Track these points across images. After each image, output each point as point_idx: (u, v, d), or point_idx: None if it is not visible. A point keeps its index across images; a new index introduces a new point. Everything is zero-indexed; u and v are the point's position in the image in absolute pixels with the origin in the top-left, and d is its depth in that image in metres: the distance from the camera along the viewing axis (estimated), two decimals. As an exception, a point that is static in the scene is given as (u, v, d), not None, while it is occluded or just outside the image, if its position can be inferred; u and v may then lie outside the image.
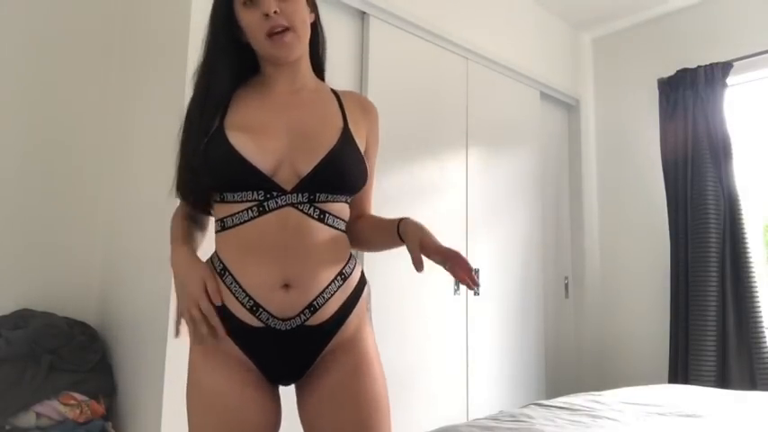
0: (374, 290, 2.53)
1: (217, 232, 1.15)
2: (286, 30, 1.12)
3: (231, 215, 1.10)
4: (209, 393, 1.08)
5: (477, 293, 1.17)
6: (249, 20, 1.14)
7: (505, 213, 3.14)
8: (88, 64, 2.27)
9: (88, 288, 2.19)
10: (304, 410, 1.15)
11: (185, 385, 1.13)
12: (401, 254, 2.71)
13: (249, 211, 1.08)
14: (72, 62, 2.24)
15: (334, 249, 1.14)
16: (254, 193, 1.08)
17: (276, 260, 1.07)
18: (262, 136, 1.10)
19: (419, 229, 1.15)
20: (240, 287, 1.07)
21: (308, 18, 1.19)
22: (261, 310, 1.06)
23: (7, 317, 1.94)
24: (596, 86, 3.90)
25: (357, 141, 1.17)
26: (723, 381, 2.93)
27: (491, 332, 2.95)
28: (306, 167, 1.09)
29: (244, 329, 1.08)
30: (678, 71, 3.35)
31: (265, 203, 1.07)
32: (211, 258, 1.15)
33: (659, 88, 3.41)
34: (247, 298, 1.07)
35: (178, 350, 1.81)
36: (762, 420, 1.73)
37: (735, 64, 3.18)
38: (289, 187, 1.08)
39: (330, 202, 1.13)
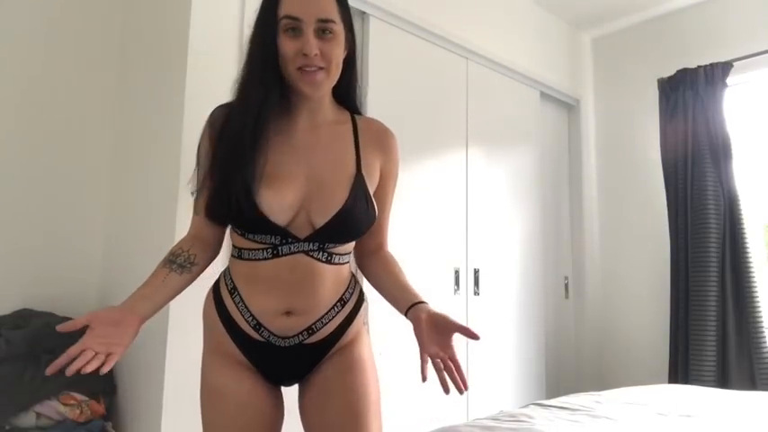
0: (374, 290, 2.52)
1: (232, 256, 1.22)
2: (319, 69, 1.14)
3: (248, 249, 1.17)
4: (218, 392, 1.18)
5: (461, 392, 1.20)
6: (288, 49, 1.13)
7: (506, 213, 3.14)
8: (88, 63, 2.27)
9: (88, 288, 2.19)
10: (301, 406, 1.25)
11: (199, 388, 1.22)
12: (401, 254, 2.71)
13: (264, 252, 1.15)
14: (72, 62, 2.24)
15: (336, 282, 1.21)
16: (272, 237, 1.14)
17: (283, 294, 1.15)
18: (284, 188, 1.14)
19: (429, 316, 1.19)
20: (246, 308, 1.17)
21: (342, 57, 1.20)
22: (263, 328, 1.16)
23: (7, 317, 1.94)
24: (596, 86, 3.90)
25: (368, 185, 1.22)
26: (723, 381, 2.93)
27: (491, 332, 2.95)
28: (320, 220, 1.15)
29: (247, 340, 1.17)
30: (678, 71, 3.34)
31: (279, 248, 1.14)
32: (224, 275, 1.24)
33: (659, 88, 3.41)
34: (251, 317, 1.16)
35: (178, 350, 1.81)
36: (762, 420, 1.73)
37: (735, 64, 3.18)
38: (302, 235, 1.15)
39: (338, 246, 1.20)
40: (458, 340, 1.18)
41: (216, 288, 1.23)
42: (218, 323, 1.19)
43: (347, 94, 1.29)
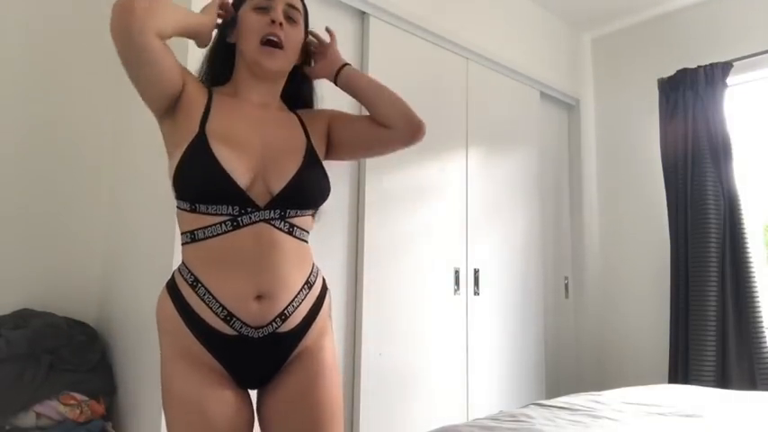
0: (374, 290, 2.54)
1: (184, 243, 1.16)
2: (280, 47, 1.23)
3: (203, 228, 1.12)
4: (185, 400, 1.11)
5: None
6: (253, 21, 1.23)
7: (505, 213, 3.14)
8: (88, 62, 2.27)
9: (88, 288, 2.19)
10: (265, 409, 1.20)
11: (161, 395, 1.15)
12: (401, 254, 2.70)
13: (223, 225, 1.11)
14: (72, 60, 2.24)
15: (300, 260, 1.20)
16: (229, 207, 1.11)
17: (250, 273, 1.11)
18: (241, 151, 1.14)
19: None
20: (213, 298, 1.10)
21: (299, 46, 1.31)
22: (234, 319, 1.10)
23: (7, 317, 1.94)
24: (596, 86, 3.90)
25: (320, 156, 1.28)
26: (723, 381, 2.92)
27: (491, 332, 2.95)
28: (277, 186, 1.15)
29: (216, 337, 1.11)
30: (678, 71, 3.34)
31: (239, 218, 1.11)
32: (180, 270, 1.16)
33: (659, 88, 3.41)
34: (221, 308, 1.10)
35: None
36: (762, 420, 1.73)
37: (735, 64, 3.18)
38: (262, 203, 1.13)
39: (298, 216, 1.19)
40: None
41: (172, 287, 1.15)
42: (182, 324, 1.11)
43: (304, 99, 1.40)
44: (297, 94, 1.37)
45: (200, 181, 1.11)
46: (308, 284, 1.21)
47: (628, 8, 3.56)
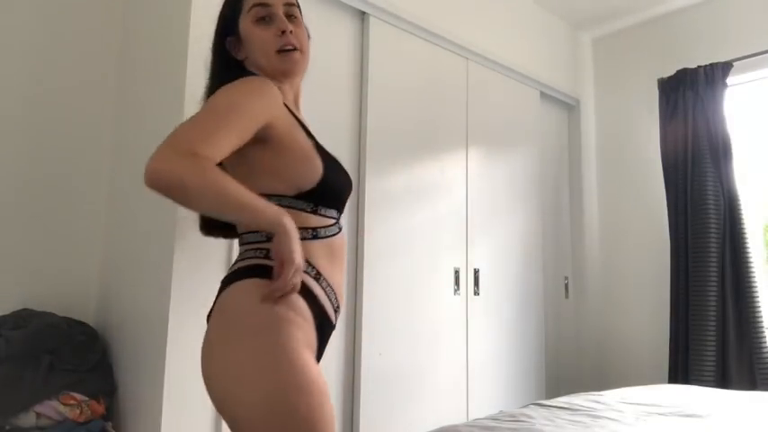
0: (374, 290, 2.54)
1: (305, 239, 1.14)
2: (295, 49, 1.27)
3: (324, 227, 1.21)
4: (325, 391, 1.06)
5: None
6: (263, 36, 1.25)
7: (505, 213, 3.14)
8: (88, 64, 2.27)
9: (88, 288, 2.19)
10: None
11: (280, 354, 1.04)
12: (401, 254, 2.70)
13: (335, 227, 1.24)
14: (72, 62, 2.24)
15: None
16: (336, 211, 1.25)
17: (342, 268, 1.27)
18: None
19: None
20: (332, 290, 1.21)
21: (309, 47, 1.35)
22: (338, 307, 1.24)
23: (7, 317, 1.94)
24: (596, 86, 3.90)
25: None
26: (723, 381, 2.92)
27: (491, 332, 2.95)
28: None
29: (327, 325, 1.21)
30: (678, 71, 3.34)
31: (339, 221, 1.27)
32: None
33: (659, 88, 3.41)
34: (336, 299, 1.23)
35: (178, 350, 1.81)
36: (762, 420, 1.73)
37: (735, 64, 3.18)
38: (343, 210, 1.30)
39: None
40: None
41: None
42: (310, 315, 1.12)
43: None
44: None
45: (344, 188, 1.27)
46: None
47: (628, 8, 3.56)
